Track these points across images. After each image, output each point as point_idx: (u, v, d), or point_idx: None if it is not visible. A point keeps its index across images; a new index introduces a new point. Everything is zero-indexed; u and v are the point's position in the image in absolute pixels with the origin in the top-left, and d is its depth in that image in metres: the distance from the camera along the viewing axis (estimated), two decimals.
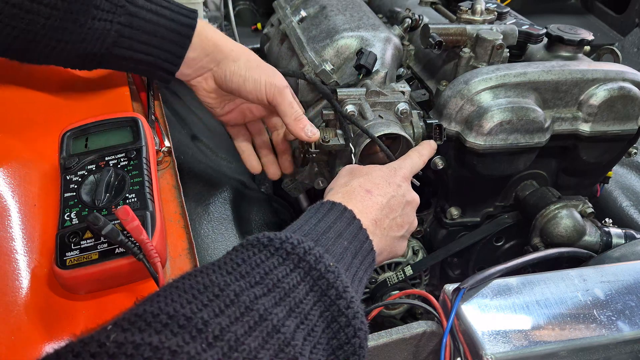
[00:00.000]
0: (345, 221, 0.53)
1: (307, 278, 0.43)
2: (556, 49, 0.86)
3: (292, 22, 0.96)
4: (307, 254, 0.44)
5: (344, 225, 0.53)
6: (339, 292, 0.43)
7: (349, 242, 0.52)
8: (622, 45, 1.63)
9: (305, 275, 0.43)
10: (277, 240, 0.44)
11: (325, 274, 0.43)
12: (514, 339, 0.57)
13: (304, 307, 0.41)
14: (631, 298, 0.62)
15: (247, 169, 0.83)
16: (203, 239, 0.80)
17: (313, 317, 0.42)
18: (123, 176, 0.59)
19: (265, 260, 0.43)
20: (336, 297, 0.43)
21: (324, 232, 0.51)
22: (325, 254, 0.45)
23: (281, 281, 0.41)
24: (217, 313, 0.36)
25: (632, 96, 0.80)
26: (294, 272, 0.43)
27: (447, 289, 0.63)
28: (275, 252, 0.44)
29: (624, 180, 1.08)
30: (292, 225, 0.52)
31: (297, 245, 0.44)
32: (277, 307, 0.39)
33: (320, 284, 0.43)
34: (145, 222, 0.54)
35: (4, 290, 0.50)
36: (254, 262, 0.42)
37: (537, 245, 0.82)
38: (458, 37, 0.82)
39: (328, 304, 0.43)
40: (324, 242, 0.50)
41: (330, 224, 0.52)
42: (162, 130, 0.74)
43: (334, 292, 0.43)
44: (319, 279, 0.43)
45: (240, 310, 0.37)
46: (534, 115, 0.76)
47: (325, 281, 0.43)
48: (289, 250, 0.44)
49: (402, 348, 0.64)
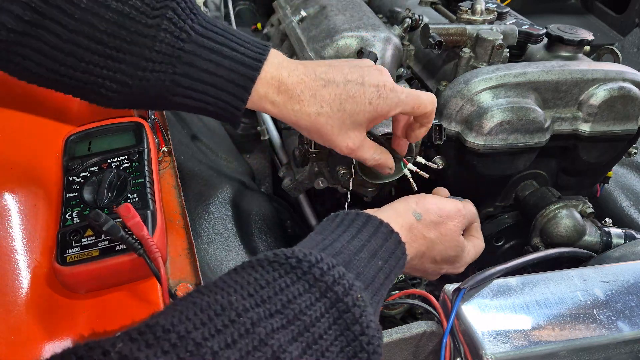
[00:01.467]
0: (381, 237, 0.51)
1: (332, 310, 0.41)
2: (556, 49, 0.86)
3: (292, 22, 0.96)
4: (335, 283, 0.42)
5: (379, 242, 0.51)
6: (363, 329, 0.42)
7: (383, 261, 0.50)
8: (622, 45, 1.63)
9: (331, 307, 0.41)
10: (305, 263, 0.42)
11: (351, 307, 0.41)
12: (514, 339, 0.57)
13: (323, 342, 0.40)
14: (631, 298, 0.62)
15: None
16: (203, 238, 0.80)
17: (332, 353, 0.40)
18: (125, 177, 0.59)
19: (291, 286, 0.41)
20: (359, 334, 0.41)
21: (357, 251, 0.48)
22: (355, 283, 0.43)
23: (303, 312, 0.39)
24: (229, 343, 0.35)
25: (632, 96, 0.80)
26: (319, 302, 0.41)
27: (447, 289, 0.63)
28: (302, 276, 0.42)
29: (624, 180, 1.08)
30: (324, 236, 0.50)
31: (326, 271, 0.42)
32: (294, 344, 0.38)
33: (345, 318, 0.41)
34: (146, 220, 0.54)
35: (4, 290, 0.50)
36: (277, 287, 0.40)
37: (537, 245, 0.82)
38: (458, 37, 0.82)
39: (350, 339, 0.41)
40: (356, 264, 0.47)
41: (364, 241, 0.50)
42: (162, 130, 0.74)
43: (358, 328, 0.41)
44: (345, 312, 0.41)
45: (253, 344, 0.36)
46: (534, 115, 0.76)
47: (350, 315, 0.41)
48: (317, 277, 0.42)
49: (402, 348, 0.64)
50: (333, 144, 0.63)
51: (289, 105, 0.60)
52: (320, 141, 0.64)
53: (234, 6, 1.46)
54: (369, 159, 0.66)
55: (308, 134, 0.63)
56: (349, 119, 0.61)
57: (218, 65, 0.56)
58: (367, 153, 0.65)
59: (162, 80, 0.55)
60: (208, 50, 0.56)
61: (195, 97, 0.57)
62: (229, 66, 0.57)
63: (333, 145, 0.63)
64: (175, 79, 0.55)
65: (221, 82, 0.57)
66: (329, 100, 0.60)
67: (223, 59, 0.56)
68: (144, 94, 0.56)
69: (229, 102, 0.58)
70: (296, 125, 0.62)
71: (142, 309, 0.52)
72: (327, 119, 0.60)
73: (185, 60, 0.55)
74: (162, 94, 0.56)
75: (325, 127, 0.61)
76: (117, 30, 0.52)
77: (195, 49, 0.55)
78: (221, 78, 0.57)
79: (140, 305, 0.53)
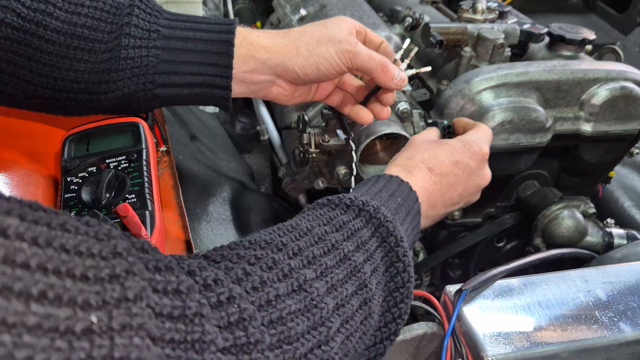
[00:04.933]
0: (402, 190, 0.57)
1: (369, 226, 0.50)
2: (558, 48, 0.86)
3: (291, 21, 0.96)
4: (376, 211, 0.50)
5: (398, 190, 0.57)
6: (397, 240, 0.49)
7: (402, 199, 0.56)
8: (624, 44, 1.62)
9: (370, 225, 0.50)
10: (346, 199, 0.51)
11: (384, 222, 0.50)
12: (516, 340, 0.57)
13: (369, 246, 0.48)
14: (633, 299, 0.61)
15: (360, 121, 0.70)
16: (202, 239, 0.80)
17: (377, 257, 0.48)
18: (123, 177, 0.59)
19: (341, 215, 0.49)
20: (395, 245, 0.49)
21: (386, 202, 0.54)
22: (385, 211, 0.51)
23: (347, 224, 0.48)
24: (308, 245, 0.44)
25: (634, 96, 0.79)
26: (361, 222, 0.50)
27: (449, 290, 0.63)
28: (347, 209, 0.50)
29: (625, 181, 1.07)
30: (353, 191, 0.56)
31: (365, 204, 0.50)
32: (362, 258, 0.46)
33: (381, 232, 0.49)
34: (145, 221, 0.54)
35: None
36: (332, 215, 0.49)
37: (539, 245, 0.82)
38: (459, 36, 0.82)
39: (388, 250, 0.49)
40: (383, 202, 0.54)
41: (389, 194, 0.55)
42: (160, 130, 0.74)
43: (392, 240, 0.49)
44: (379, 226, 0.50)
45: (337, 259, 0.45)
46: (535, 115, 0.76)
47: (385, 229, 0.49)
48: (367, 211, 0.50)
49: (402, 349, 0.63)
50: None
51: (274, 56, 0.62)
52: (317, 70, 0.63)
53: (234, 5, 1.45)
54: (364, 54, 0.63)
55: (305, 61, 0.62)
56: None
57: (195, 31, 0.61)
58: (363, 49, 0.63)
59: (144, 56, 0.58)
60: (182, 21, 0.61)
61: (182, 71, 0.60)
62: (206, 28, 0.61)
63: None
64: (157, 54, 0.59)
65: (202, 45, 0.60)
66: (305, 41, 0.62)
67: (198, 24, 0.61)
68: (129, 80, 0.59)
69: (216, 63, 0.60)
70: (288, 63, 0.62)
71: None
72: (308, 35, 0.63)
73: (164, 33, 0.59)
74: (148, 76, 0.59)
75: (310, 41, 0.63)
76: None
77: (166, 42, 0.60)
78: (201, 41, 0.60)
79: None
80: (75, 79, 0.58)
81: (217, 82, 0.61)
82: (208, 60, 0.60)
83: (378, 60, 0.62)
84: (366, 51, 0.62)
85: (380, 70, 0.62)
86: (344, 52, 0.61)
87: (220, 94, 0.62)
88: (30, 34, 0.55)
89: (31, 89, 0.57)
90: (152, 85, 0.60)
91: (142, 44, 0.58)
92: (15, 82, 0.57)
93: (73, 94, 0.59)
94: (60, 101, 0.59)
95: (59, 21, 0.56)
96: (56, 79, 0.57)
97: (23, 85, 0.57)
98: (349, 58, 0.62)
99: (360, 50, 0.62)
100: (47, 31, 0.56)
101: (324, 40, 0.62)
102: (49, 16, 0.56)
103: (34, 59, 0.56)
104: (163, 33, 0.59)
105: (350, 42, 0.62)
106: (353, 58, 0.62)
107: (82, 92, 0.59)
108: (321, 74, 0.63)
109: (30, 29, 0.55)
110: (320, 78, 0.64)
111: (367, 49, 0.63)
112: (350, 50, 0.61)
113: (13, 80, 0.57)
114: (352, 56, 0.62)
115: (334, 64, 0.62)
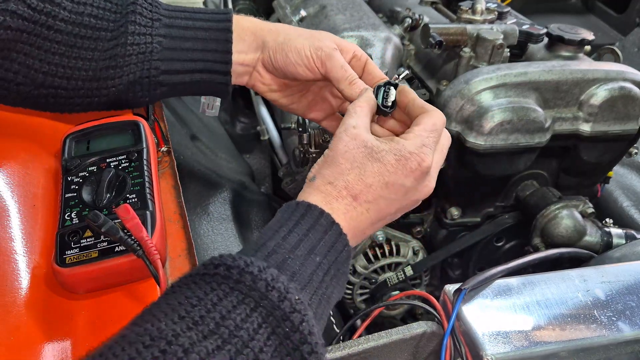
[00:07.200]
0: (320, 230, 0.47)
1: (269, 319, 0.39)
2: (557, 49, 0.86)
3: (291, 22, 0.96)
4: (269, 289, 0.39)
5: (318, 235, 0.47)
6: (304, 336, 0.39)
7: (322, 256, 0.46)
8: (623, 45, 1.63)
9: (267, 316, 0.39)
10: (235, 270, 0.40)
11: (290, 314, 0.39)
12: (515, 339, 0.57)
13: (263, 356, 0.37)
14: (632, 298, 0.62)
15: None
16: (202, 239, 0.80)
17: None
18: (124, 177, 0.59)
19: (224, 299, 0.38)
20: (300, 342, 0.39)
21: (293, 248, 0.45)
22: (290, 285, 0.41)
23: (239, 327, 0.37)
24: None
25: (633, 96, 0.80)
26: (255, 313, 0.39)
27: (448, 290, 0.63)
28: (234, 286, 0.39)
29: (624, 180, 1.07)
30: (260, 233, 0.47)
31: (257, 275, 0.40)
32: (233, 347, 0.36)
33: (284, 326, 0.39)
34: (146, 221, 0.54)
35: (3, 291, 0.50)
36: (210, 303, 0.38)
37: (538, 245, 0.82)
38: (458, 36, 0.82)
39: (291, 349, 0.39)
40: (290, 264, 0.44)
41: (302, 236, 0.46)
42: (161, 130, 0.74)
43: (297, 337, 0.39)
44: (283, 320, 0.39)
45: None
46: (534, 115, 0.76)
47: (289, 323, 0.39)
48: (248, 284, 0.39)
49: (402, 349, 0.64)
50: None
51: (259, 33, 0.65)
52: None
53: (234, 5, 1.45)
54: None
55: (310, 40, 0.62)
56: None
57: (195, 20, 0.63)
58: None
59: (149, 43, 0.60)
60: (182, 11, 0.64)
61: (184, 57, 0.62)
62: (204, 17, 0.64)
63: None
64: (160, 41, 0.61)
65: (202, 33, 0.63)
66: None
67: (196, 14, 0.64)
68: (135, 66, 0.60)
69: (216, 49, 0.63)
70: (266, 45, 0.64)
71: (141, 310, 0.52)
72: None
73: (165, 22, 0.62)
74: (153, 62, 0.61)
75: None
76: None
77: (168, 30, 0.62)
78: (201, 29, 0.63)
79: (139, 306, 0.52)
80: (83, 66, 0.60)
81: (217, 67, 0.64)
82: (208, 47, 0.63)
83: (350, 73, 0.60)
84: (342, 61, 0.60)
85: (348, 83, 0.59)
86: (318, 49, 0.60)
87: (221, 79, 0.65)
88: (40, 24, 0.57)
89: (40, 78, 0.59)
90: (156, 71, 0.62)
91: (147, 32, 0.61)
92: (25, 71, 0.58)
93: (81, 81, 0.61)
94: (67, 90, 0.61)
95: (66, 11, 0.59)
96: (65, 66, 0.59)
97: (33, 75, 0.59)
98: (321, 57, 0.60)
99: (336, 56, 0.60)
100: (56, 21, 0.58)
101: (305, 35, 0.63)
102: (57, 6, 0.58)
103: (43, 48, 0.58)
104: (165, 22, 0.62)
105: (329, 47, 0.61)
106: (325, 59, 0.60)
107: (89, 80, 0.61)
108: (289, 64, 0.62)
109: (40, 20, 0.57)
110: (288, 68, 0.62)
111: (344, 61, 0.61)
112: (326, 52, 0.60)
113: (23, 69, 0.58)
114: (325, 57, 0.60)
115: (304, 57, 0.61)
